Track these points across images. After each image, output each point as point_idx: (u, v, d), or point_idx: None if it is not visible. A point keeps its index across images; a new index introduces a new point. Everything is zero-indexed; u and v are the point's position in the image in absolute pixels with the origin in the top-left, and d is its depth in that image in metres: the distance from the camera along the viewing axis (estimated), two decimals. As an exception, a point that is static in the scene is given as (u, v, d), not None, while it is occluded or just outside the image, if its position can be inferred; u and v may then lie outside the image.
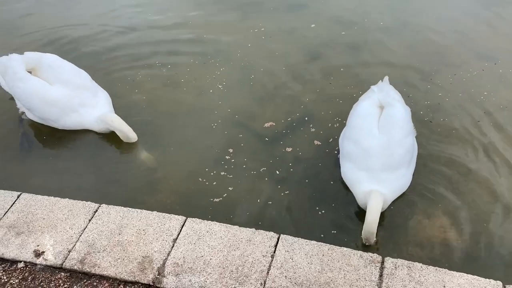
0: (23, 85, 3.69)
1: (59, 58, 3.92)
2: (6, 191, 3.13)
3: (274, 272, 2.53)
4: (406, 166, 3.07)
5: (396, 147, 2.99)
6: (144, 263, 2.62)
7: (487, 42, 4.57)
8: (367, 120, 3.13)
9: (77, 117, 3.72)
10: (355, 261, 2.56)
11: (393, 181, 2.97)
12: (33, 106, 3.71)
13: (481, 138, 3.53)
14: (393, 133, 3.02)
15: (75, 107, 3.70)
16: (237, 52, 4.66)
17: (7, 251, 2.75)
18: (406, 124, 3.14)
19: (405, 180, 3.08)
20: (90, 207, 2.98)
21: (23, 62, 3.77)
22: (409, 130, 3.16)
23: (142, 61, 4.63)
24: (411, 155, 3.13)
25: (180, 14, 5.39)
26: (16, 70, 3.72)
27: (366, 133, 3.06)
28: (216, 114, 3.92)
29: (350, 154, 3.10)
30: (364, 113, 3.19)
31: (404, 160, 3.03)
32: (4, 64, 3.85)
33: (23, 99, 3.73)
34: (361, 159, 3.01)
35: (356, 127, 3.15)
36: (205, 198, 3.22)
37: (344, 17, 5.08)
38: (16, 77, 3.71)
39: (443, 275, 2.47)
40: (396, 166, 2.98)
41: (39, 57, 3.84)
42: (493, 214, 3.01)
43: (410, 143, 3.11)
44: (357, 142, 3.06)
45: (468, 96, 3.94)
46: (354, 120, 3.23)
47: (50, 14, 5.57)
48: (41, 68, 3.79)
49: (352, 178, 3.07)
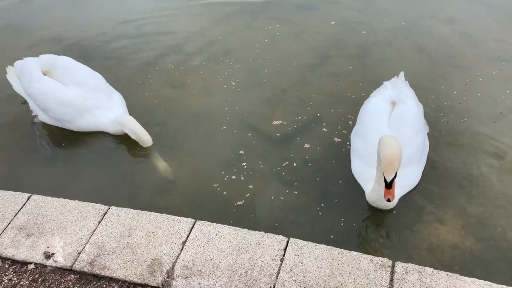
0: (39, 85, 3.73)
1: (74, 60, 3.96)
2: (16, 193, 3.14)
3: (284, 276, 2.51)
4: (415, 164, 3.05)
5: (406, 145, 2.91)
6: (153, 266, 2.62)
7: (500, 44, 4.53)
8: (377, 117, 3.12)
9: (91, 118, 3.75)
10: (365, 266, 2.54)
11: (402, 179, 2.92)
12: (48, 107, 3.75)
13: (494, 141, 3.49)
14: (403, 131, 3.01)
15: (90, 108, 3.73)
16: (246, 53, 4.65)
17: (18, 252, 2.77)
18: (417, 122, 3.12)
19: (414, 177, 3.07)
20: (100, 209, 2.98)
21: (39, 64, 3.82)
22: (420, 127, 3.13)
23: (152, 63, 4.65)
24: (421, 153, 3.10)
25: (189, 16, 5.41)
26: (32, 72, 3.77)
27: (375, 130, 3.04)
28: (226, 116, 3.92)
29: (359, 151, 3.11)
30: (374, 109, 3.18)
31: (413, 158, 3.02)
32: (20, 67, 3.91)
33: (39, 100, 3.77)
34: (370, 156, 2.98)
35: (366, 124, 3.15)
36: (215, 201, 3.22)
37: (354, 18, 5.05)
38: (32, 78, 3.76)
39: (455, 281, 2.44)
40: (405, 164, 2.93)
41: (54, 59, 3.90)
42: (505, 218, 2.97)
43: (420, 141, 3.09)
44: (366, 139, 3.06)
45: (483, 97, 3.89)
46: (363, 117, 3.23)
47: (60, 18, 5.62)
48: (56, 70, 3.84)
49: (362, 175, 3.07)
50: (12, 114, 4.15)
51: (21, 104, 4.15)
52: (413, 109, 3.14)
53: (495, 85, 4.02)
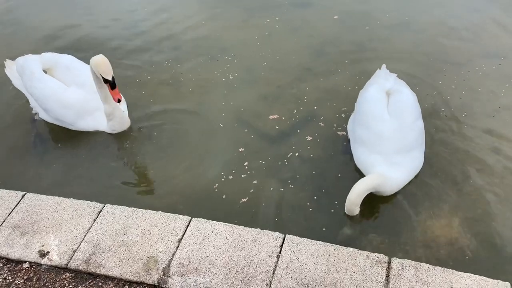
0: (40, 85, 3.70)
1: (76, 59, 3.92)
2: (10, 191, 3.12)
3: (280, 273, 2.51)
4: (418, 149, 3.18)
5: (408, 131, 3.10)
6: (149, 264, 2.61)
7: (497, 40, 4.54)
8: (377, 105, 3.20)
9: (92, 120, 3.73)
10: (361, 262, 2.54)
11: (408, 163, 3.07)
12: (49, 108, 3.71)
13: (491, 137, 3.49)
14: (404, 117, 3.13)
15: (91, 110, 3.69)
16: (241, 50, 4.64)
17: (12, 251, 2.75)
18: (415, 109, 3.24)
19: (419, 161, 3.19)
20: (95, 207, 2.97)
21: (40, 62, 3.78)
22: (418, 113, 3.26)
23: (148, 61, 4.61)
24: (422, 137, 3.24)
25: (185, 13, 5.37)
26: (34, 70, 3.73)
27: (377, 118, 3.14)
28: (222, 114, 3.90)
29: (362, 139, 3.17)
30: (373, 98, 3.26)
31: (417, 143, 3.15)
32: (21, 64, 3.87)
33: (40, 100, 3.74)
34: (374, 143, 3.10)
35: (367, 113, 3.22)
36: (211, 198, 3.21)
37: (350, 14, 5.04)
38: (34, 77, 3.72)
39: (451, 276, 2.45)
40: (409, 149, 3.09)
41: (57, 57, 3.85)
42: (501, 213, 2.98)
43: (421, 126, 3.24)
44: (369, 127, 3.14)
45: (481, 93, 3.91)
46: (363, 106, 3.29)
47: (56, 15, 5.58)
48: (57, 68, 3.79)
49: (366, 162, 3.13)
50: (6, 112, 4.12)
51: (16, 101, 4.12)
52: (409, 96, 3.26)
53: (493, 81, 4.03)
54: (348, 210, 2.92)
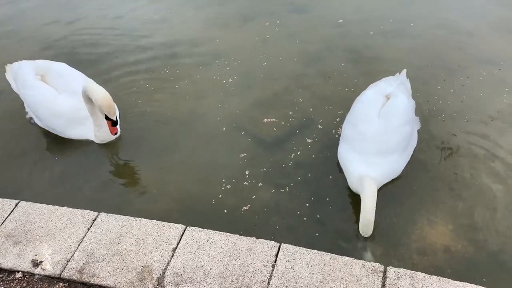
0: (32, 92, 3.69)
1: (69, 67, 3.90)
2: (3, 199, 3.09)
3: (275, 282, 2.49)
4: (399, 153, 3.14)
5: (392, 134, 3.10)
6: (143, 273, 2.59)
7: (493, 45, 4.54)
8: (369, 106, 3.24)
9: (83, 129, 3.70)
10: (357, 271, 2.53)
11: (384, 166, 3.04)
12: (40, 115, 3.70)
13: (487, 143, 3.49)
14: (392, 120, 3.13)
15: (82, 120, 3.66)
16: (237, 56, 4.63)
17: (5, 260, 2.72)
18: (406, 114, 3.23)
19: (397, 166, 3.16)
20: (89, 215, 2.94)
21: (33, 69, 3.76)
22: (409, 120, 3.24)
23: (144, 68, 4.59)
24: (406, 143, 3.21)
25: (180, 18, 5.37)
26: (26, 78, 3.72)
27: (365, 118, 3.17)
28: (218, 120, 3.89)
29: (348, 137, 3.22)
30: (367, 100, 3.31)
31: (398, 147, 3.12)
32: (15, 70, 3.88)
33: (32, 107, 3.74)
34: (357, 142, 3.12)
35: (357, 113, 3.27)
36: (205, 206, 3.19)
37: (345, 21, 5.05)
38: (26, 84, 3.72)
39: (447, 285, 2.43)
40: (389, 152, 3.08)
41: (49, 65, 3.84)
42: (498, 221, 2.97)
43: (408, 131, 3.20)
44: (356, 126, 3.18)
45: (479, 99, 3.91)
46: (356, 106, 3.35)
47: (49, 21, 5.56)
48: (50, 75, 3.77)
49: (346, 159, 3.15)
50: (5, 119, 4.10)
51: (11, 109, 4.11)
52: (404, 101, 3.26)
53: (492, 87, 4.03)
54: (367, 231, 2.85)
